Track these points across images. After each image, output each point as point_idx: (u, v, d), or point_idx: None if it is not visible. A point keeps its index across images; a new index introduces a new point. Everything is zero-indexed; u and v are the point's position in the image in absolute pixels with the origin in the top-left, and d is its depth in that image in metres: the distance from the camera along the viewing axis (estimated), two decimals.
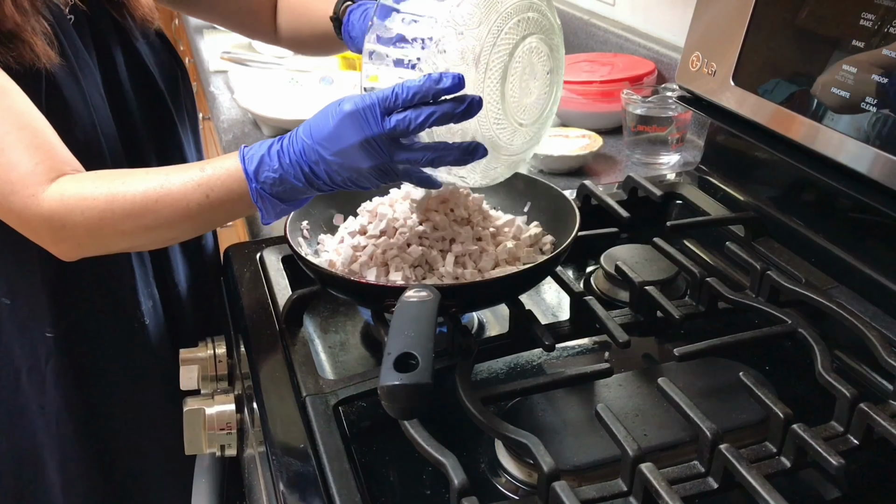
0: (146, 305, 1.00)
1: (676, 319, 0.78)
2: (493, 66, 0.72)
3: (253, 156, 0.73)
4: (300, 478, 0.66)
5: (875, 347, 0.71)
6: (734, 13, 0.97)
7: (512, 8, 0.72)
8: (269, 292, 0.91)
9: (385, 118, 0.67)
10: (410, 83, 0.67)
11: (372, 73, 0.74)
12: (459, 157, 0.70)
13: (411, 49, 0.71)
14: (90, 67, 0.90)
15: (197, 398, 0.91)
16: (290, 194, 0.73)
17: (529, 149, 0.82)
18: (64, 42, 0.86)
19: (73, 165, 0.78)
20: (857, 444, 0.63)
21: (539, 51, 0.77)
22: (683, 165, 1.26)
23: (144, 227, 0.75)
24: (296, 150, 0.71)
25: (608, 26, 1.64)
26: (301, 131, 0.71)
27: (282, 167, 0.71)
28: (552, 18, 0.78)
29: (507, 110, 0.75)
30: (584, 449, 0.66)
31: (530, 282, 0.83)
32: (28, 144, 0.75)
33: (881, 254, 0.85)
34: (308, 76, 1.72)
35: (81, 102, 0.87)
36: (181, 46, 2.86)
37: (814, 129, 0.86)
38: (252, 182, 0.72)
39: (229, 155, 0.75)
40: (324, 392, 0.74)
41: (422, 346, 0.59)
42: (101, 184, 0.75)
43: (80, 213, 0.74)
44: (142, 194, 0.74)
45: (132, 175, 0.76)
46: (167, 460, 1.07)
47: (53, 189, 0.75)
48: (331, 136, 0.69)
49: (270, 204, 0.73)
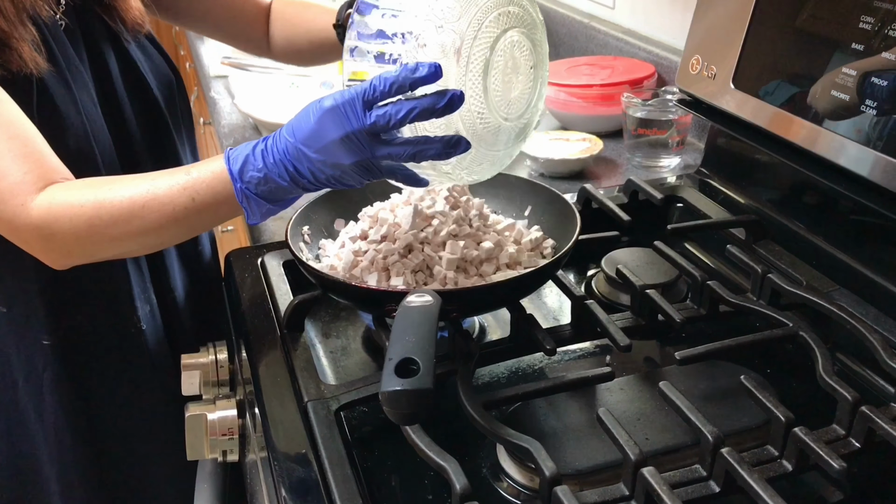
0: (143, 311, 1.00)
1: (677, 323, 0.78)
2: (475, 59, 0.72)
3: (237, 156, 0.73)
4: (302, 483, 0.66)
5: (876, 350, 0.71)
6: (734, 16, 0.97)
7: (492, 2, 0.72)
8: (270, 297, 0.91)
9: (366, 113, 0.67)
10: (387, 75, 0.67)
11: (354, 69, 0.73)
12: (441, 151, 0.70)
13: (392, 45, 0.71)
14: (82, 74, 0.90)
15: (199, 404, 0.91)
16: (275, 194, 0.73)
17: (516, 145, 0.81)
18: (54, 48, 0.86)
19: (62, 174, 0.78)
20: (858, 447, 0.63)
21: (521, 45, 0.76)
22: (684, 168, 1.26)
23: (132, 232, 0.76)
24: (279, 149, 0.71)
25: (608, 29, 1.64)
26: (284, 130, 0.71)
27: (266, 166, 0.71)
28: (534, 14, 0.78)
29: (490, 105, 0.75)
30: (585, 453, 0.66)
31: (531, 286, 0.83)
32: (17, 154, 0.75)
33: (882, 256, 0.85)
34: (308, 81, 1.72)
35: (73, 109, 0.87)
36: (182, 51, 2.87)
37: (814, 132, 0.86)
38: (237, 182, 0.72)
39: (216, 157, 0.75)
40: (325, 397, 0.74)
41: (423, 351, 0.59)
42: (88, 191, 0.75)
43: (68, 221, 0.74)
44: (128, 200, 0.74)
45: (119, 181, 0.76)
46: (168, 467, 1.07)
47: (42, 198, 0.75)
48: (312, 134, 0.69)
49: (256, 204, 0.74)
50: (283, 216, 1.11)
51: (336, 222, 0.92)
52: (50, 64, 0.84)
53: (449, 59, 0.70)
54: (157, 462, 1.06)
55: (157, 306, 1.04)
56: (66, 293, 0.94)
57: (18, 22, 0.81)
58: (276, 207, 0.75)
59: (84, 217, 0.74)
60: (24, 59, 0.81)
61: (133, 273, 0.98)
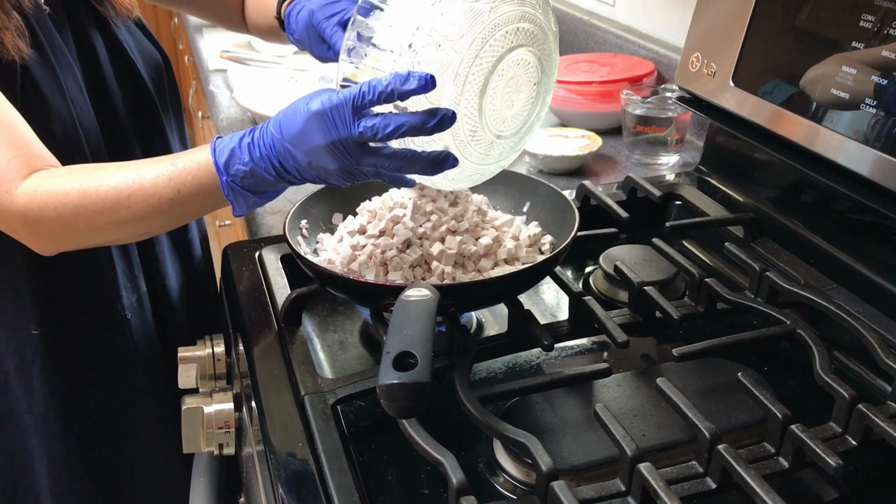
0: (129, 299, 1.00)
1: (675, 320, 0.78)
2: (473, 79, 0.69)
3: (224, 148, 0.73)
4: (298, 477, 0.66)
5: (873, 348, 0.71)
6: (734, 14, 0.97)
7: (501, 18, 0.69)
8: (267, 291, 0.91)
9: (354, 121, 0.66)
10: (377, 82, 0.65)
11: (349, 72, 0.71)
12: (426, 168, 0.69)
13: (389, 54, 0.69)
14: (68, 59, 0.90)
15: (195, 397, 0.91)
16: (261, 186, 0.73)
17: (508, 157, 0.80)
18: (39, 35, 0.86)
19: (47, 161, 0.78)
20: (855, 444, 0.63)
21: (527, 63, 0.73)
22: (683, 166, 1.26)
23: (118, 221, 0.75)
24: (266, 144, 0.71)
25: (608, 27, 1.64)
26: (272, 125, 0.71)
27: (252, 160, 0.71)
28: (547, 26, 0.74)
29: (484, 123, 0.73)
30: (582, 449, 0.66)
31: (529, 282, 0.83)
32: (1, 141, 0.75)
33: (880, 255, 0.85)
34: (307, 75, 1.72)
35: (59, 95, 0.87)
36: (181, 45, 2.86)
37: (813, 131, 0.86)
38: (223, 175, 0.72)
39: (202, 147, 0.74)
40: (322, 391, 0.74)
41: (421, 345, 0.59)
42: (73, 179, 0.75)
43: (53, 209, 0.74)
44: (114, 189, 0.74)
45: (105, 169, 0.76)
46: (161, 459, 1.06)
47: (27, 185, 0.75)
48: (299, 135, 0.68)
49: (242, 197, 0.73)
50: (282, 210, 1.12)
51: (334, 217, 0.92)
52: (34, 50, 0.84)
53: (446, 77, 0.68)
54: (151, 454, 1.06)
55: (148, 295, 1.04)
56: (52, 281, 0.94)
57: (1, 11, 0.81)
58: (262, 199, 0.75)
59: (70, 205, 0.74)
60: (6, 46, 0.81)
61: (119, 261, 0.98)
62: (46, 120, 0.85)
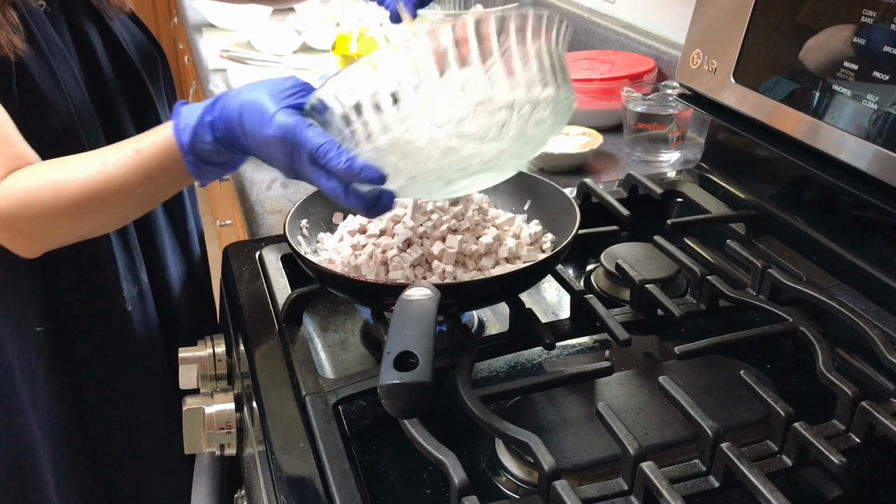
0: (129, 292, 1.00)
1: (677, 318, 0.78)
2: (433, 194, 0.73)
3: (186, 126, 0.73)
4: (300, 477, 0.66)
5: (876, 345, 0.71)
6: (735, 10, 0.97)
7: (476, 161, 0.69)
8: (268, 291, 0.91)
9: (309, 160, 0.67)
10: (336, 159, 0.65)
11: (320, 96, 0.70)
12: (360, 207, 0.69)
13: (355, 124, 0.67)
14: (64, 53, 0.90)
15: (196, 397, 0.90)
16: (226, 159, 0.75)
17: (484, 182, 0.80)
18: (35, 30, 0.86)
19: (27, 159, 0.78)
20: (858, 442, 0.63)
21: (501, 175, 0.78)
22: (684, 163, 1.26)
23: (92, 212, 0.76)
24: (226, 125, 0.71)
25: (608, 24, 1.64)
26: (234, 107, 0.70)
27: (216, 140, 0.72)
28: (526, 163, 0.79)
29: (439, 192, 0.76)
30: (584, 448, 0.66)
31: (530, 280, 0.83)
32: None
33: (882, 251, 0.84)
34: (306, 74, 1.72)
35: (55, 89, 0.87)
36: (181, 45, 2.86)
37: (815, 127, 0.86)
38: (187, 155, 0.73)
39: (164, 126, 0.75)
40: (323, 391, 0.74)
41: (422, 344, 0.59)
42: (44, 175, 0.76)
43: (28, 208, 0.75)
44: (83, 181, 0.74)
45: (71, 162, 0.76)
46: (164, 459, 1.06)
47: (3, 186, 0.75)
48: (257, 140, 0.69)
49: (208, 170, 0.75)
50: (282, 210, 1.12)
51: (335, 216, 0.92)
52: (30, 46, 0.84)
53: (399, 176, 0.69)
54: (154, 453, 1.06)
55: (150, 287, 1.03)
56: (51, 277, 0.94)
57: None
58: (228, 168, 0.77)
59: (44, 202, 0.74)
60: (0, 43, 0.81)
61: (120, 253, 0.98)
62: (44, 114, 0.85)
